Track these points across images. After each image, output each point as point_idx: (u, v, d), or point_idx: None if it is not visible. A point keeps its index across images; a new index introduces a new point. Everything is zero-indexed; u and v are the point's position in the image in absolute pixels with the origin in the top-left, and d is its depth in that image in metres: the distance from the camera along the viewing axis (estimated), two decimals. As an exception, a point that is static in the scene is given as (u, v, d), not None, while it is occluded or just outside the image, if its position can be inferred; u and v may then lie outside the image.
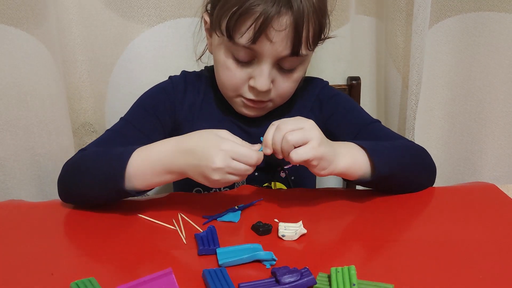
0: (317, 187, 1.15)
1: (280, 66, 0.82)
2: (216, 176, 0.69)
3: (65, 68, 1.08)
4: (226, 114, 0.93)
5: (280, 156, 0.72)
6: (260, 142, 0.74)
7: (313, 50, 0.83)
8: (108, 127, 0.96)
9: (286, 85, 0.85)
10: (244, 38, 0.78)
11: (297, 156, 0.70)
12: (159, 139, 0.90)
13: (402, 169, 0.81)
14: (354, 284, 0.56)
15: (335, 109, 0.95)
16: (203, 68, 1.00)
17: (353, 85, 1.18)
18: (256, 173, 0.93)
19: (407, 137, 1.18)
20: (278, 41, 0.77)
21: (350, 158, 0.77)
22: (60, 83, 1.05)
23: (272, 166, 0.93)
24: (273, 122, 0.73)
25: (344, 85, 1.19)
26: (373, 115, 1.26)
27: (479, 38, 1.16)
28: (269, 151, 0.72)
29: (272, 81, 0.83)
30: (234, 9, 0.77)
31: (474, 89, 1.21)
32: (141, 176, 0.74)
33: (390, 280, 0.59)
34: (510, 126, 1.22)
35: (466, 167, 1.27)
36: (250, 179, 0.93)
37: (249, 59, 0.81)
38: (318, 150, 0.71)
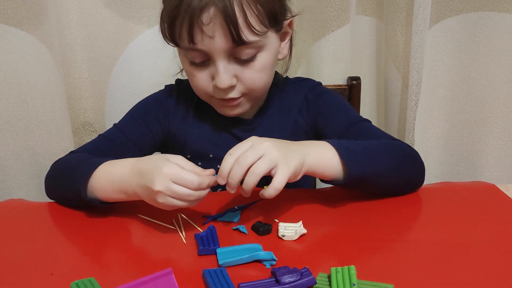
0: (317, 187, 1.15)
1: (237, 58, 0.80)
2: (160, 199, 0.68)
3: (65, 68, 1.08)
4: (220, 121, 0.92)
5: (233, 191, 0.69)
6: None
7: (264, 34, 0.79)
8: (108, 127, 0.96)
9: (251, 76, 0.82)
10: (183, 40, 0.78)
11: (274, 191, 0.67)
12: (149, 148, 0.92)
13: (379, 169, 0.77)
14: (354, 284, 0.56)
15: (323, 108, 0.93)
16: None
17: (353, 85, 1.18)
18: None
19: (407, 137, 1.18)
20: (215, 34, 0.76)
21: (317, 157, 0.74)
22: (60, 83, 1.05)
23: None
24: (229, 151, 0.69)
25: (344, 85, 1.19)
26: (373, 115, 1.27)
27: (479, 38, 1.16)
28: (223, 182, 0.69)
29: (236, 76, 0.81)
30: (168, 16, 0.78)
31: (474, 89, 1.21)
32: (101, 189, 0.75)
33: (390, 280, 0.59)
34: (510, 126, 1.22)
35: (466, 167, 1.27)
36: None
37: (204, 59, 0.80)
38: (290, 169, 0.68)
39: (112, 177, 0.74)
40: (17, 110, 1.00)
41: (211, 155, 0.92)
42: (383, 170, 0.78)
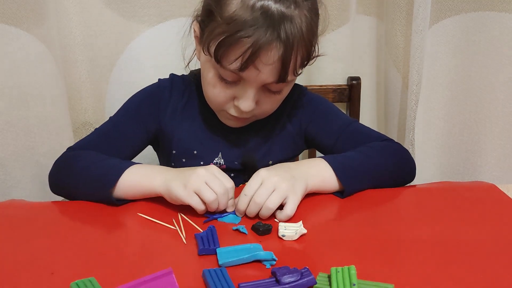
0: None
1: (266, 88, 0.82)
2: (193, 180, 0.73)
3: (65, 68, 1.08)
4: (208, 119, 0.94)
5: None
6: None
7: (299, 74, 0.84)
8: (108, 126, 0.96)
9: (269, 105, 0.86)
10: (232, 66, 0.77)
11: (286, 217, 0.74)
12: (142, 141, 0.94)
13: (375, 179, 0.84)
14: (354, 284, 0.56)
15: (313, 114, 0.96)
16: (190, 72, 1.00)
17: (353, 85, 1.18)
18: (232, 174, 0.93)
19: (407, 137, 1.18)
20: (266, 71, 0.78)
21: (318, 180, 0.81)
22: (61, 82, 1.05)
23: (248, 168, 0.94)
24: (243, 192, 0.75)
25: (344, 85, 1.19)
26: (373, 115, 1.27)
27: (479, 38, 1.16)
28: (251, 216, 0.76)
29: (256, 101, 0.83)
30: (223, 37, 0.76)
31: (474, 89, 1.21)
32: (127, 188, 0.79)
33: (390, 280, 0.59)
34: (510, 126, 1.22)
35: (466, 167, 1.27)
36: None
37: (235, 80, 0.81)
38: (298, 198, 0.76)
39: (143, 173, 0.80)
40: (17, 110, 1.00)
41: (195, 152, 0.93)
42: (378, 179, 0.84)
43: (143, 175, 0.79)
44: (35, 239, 0.71)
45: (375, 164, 0.85)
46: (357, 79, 1.19)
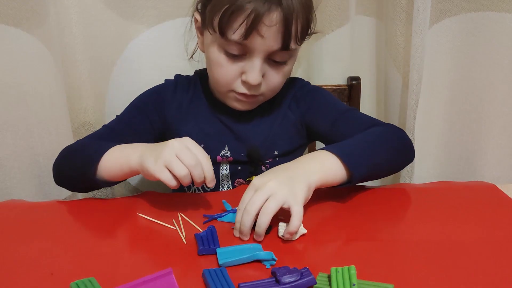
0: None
1: (271, 59, 0.85)
2: (164, 153, 0.71)
3: (65, 68, 1.08)
4: (213, 112, 0.96)
5: (246, 238, 0.69)
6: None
7: (301, 44, 0.86)
8: (108, 126, 0.97)
9: (276, 79, 0.88)
10: (236, 34, 0.81)
11: (294, 228, 0.67)
12: (149, 137, 0.97)
13: (379, 162, 0.82)
14: (354, 284, 0.56)
15: (311, 103, 0.98)
16: (195, 72, 1.03)
17: (353, 85, 1.18)
18: (239, 167, 0.96)
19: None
20: (269, 36, 0.80)
21: (321, 173, 0.75)
22: (60, 82, 1.05)
23: (254, 160, 0.96)
24: (239, 207, 0.70)
25: (344, 85, 1.19)
26: (373, 115, 1.27)
27: (479, 38, 1.16)
28: (245, 238, 0.69)
29: (263, 75, 0.86)
30: (226, 7, 0.80)
31: (474, 89, 1.21)
32: (108, 167, 0.79)
33: (390, 280, 0.59)
34: (510, 126, 1.22)
35: (466, 167, 1.27)
36: (233, 173, 0.96)
37: (241, 54, 0.84)
38: (300, 205, 0.68)
39: (123, 150, 0.80)
40: (16, 110, 0.99)
41: (202, 145, 0.93)
42: (382, 161, 0.84)
43: (122, 153, 0.79)
44: (35, 239, 0.71)
45: (374, 145, 0.83)
46: (357, 79, 1.19)
